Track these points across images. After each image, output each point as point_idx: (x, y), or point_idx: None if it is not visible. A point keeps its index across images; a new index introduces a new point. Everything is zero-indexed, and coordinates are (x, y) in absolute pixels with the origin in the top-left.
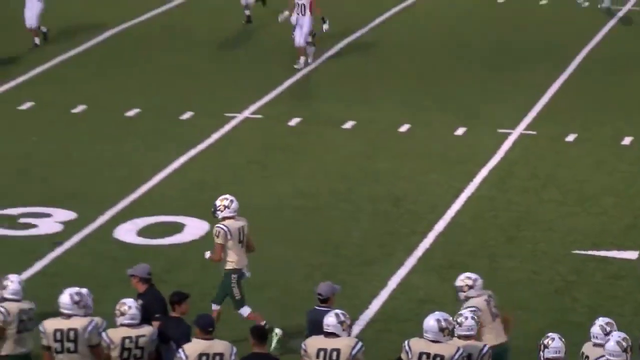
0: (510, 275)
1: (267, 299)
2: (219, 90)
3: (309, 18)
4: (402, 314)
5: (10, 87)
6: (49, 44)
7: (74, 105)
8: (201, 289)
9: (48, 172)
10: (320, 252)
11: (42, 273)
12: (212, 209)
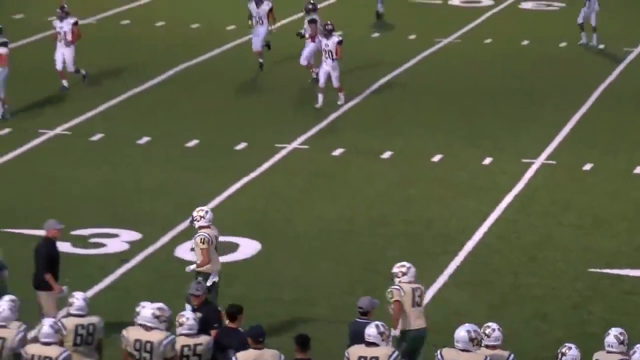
0: (532, 291)
1: (315, 312)
2: (269, 124)
3: (336, 63)
4: (435, 325)
5: (81, 120)
6: (116, 84)
7: (139, 137)
8: (253, 302)
9: (116, 197)
10: (361, 270)
11: (112, 288)
12: (189, 219)
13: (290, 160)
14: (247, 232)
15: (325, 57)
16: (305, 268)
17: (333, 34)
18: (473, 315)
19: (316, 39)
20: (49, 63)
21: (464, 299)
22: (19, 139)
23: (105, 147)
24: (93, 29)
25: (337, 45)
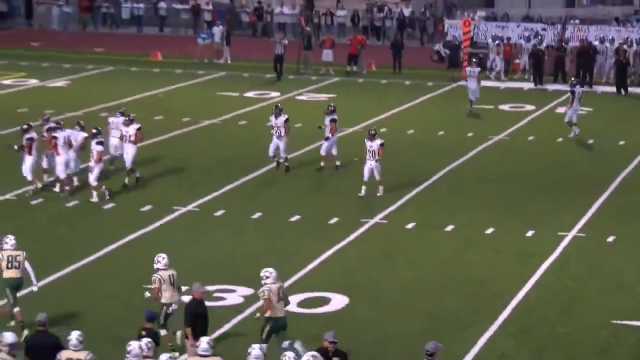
0: (566, 338)
1: (391, 353)
2: (354, 203)
3: (378, 162)
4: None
5: (207, 199)
6: (230, 172)
7: (253, 213)
8: (343, 344)
9: (234, 261)
10: (429, 320)
11: (229, 334)
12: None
13: (373, 232)
14: (338, 289)
15: (369, 157)
16: (384, 318)
17: (376, 138)
18: (517, 357)
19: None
20: (186, 153)
21: (511, 344)
22: (159, 213)
23: (225, 220)
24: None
25: (379, 147)
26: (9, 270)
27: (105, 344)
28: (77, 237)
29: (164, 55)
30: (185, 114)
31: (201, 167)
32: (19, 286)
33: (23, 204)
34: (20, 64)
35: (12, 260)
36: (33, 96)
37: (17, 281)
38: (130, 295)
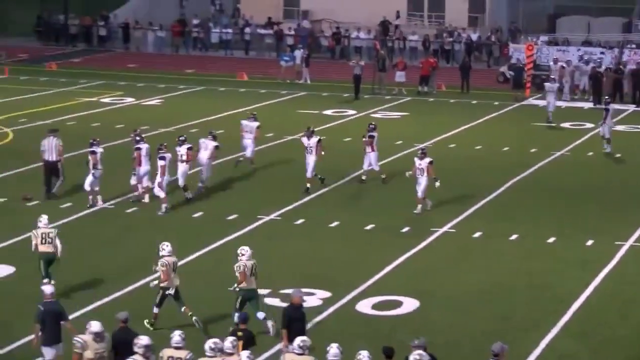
0: (623, 340)
1: (460, 353)
2: (427, 212)
3: (426, 179)
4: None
5: (288, 209)
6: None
7: (331, 221)
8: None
9: (314, 266)
10: (495, 322)
11: (309, 334)
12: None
13: (442, 240)
14: (409, 293)
15: (419, 174)
16: (452, 320)
17: (426, 157)
18: (577, 358)
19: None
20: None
21: (571, 346)
22: (244, 222)
23: (305, 229)
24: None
25: (429, 164)
26: (43, 245)
27: (192, 343)
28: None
29: (249, 76)
30: (269, 130)
31: (283, 179)
32: (52, 260)
33: (119, 211)
34: (118, 83)
35: (45, 237)
36: (129, 113)
37: (50, 255)
38: (215, 297)
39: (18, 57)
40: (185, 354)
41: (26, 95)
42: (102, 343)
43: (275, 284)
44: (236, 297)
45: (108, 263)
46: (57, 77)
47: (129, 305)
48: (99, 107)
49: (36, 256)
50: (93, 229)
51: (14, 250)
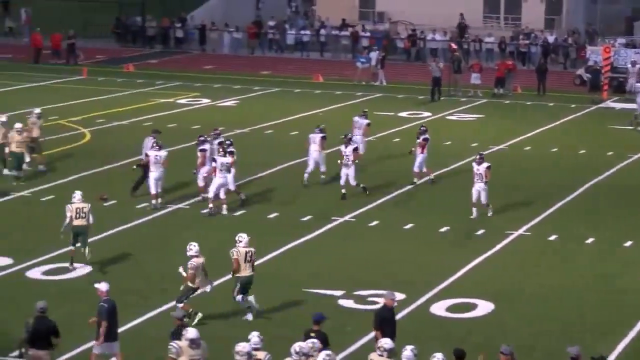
0: None
1: (534, 356)
2: (502, 214)
3: (486, 185)
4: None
5: (362, 211)
6: None
7: (406, 224)
8: (487, 347)
9: (388, 268)
10: (570, 325)
11: None
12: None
13: (517, 243)
14: (484, 296)
15: (476, 180)
16: (528, 323)
17: (484, 162)
18: None
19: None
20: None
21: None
22: (318, 223)
23: (379, 230)
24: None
25: (486, 169)
26: (77, 219)
27: (267, 344)
28: None
29: (324, 78)
30: (343, 132)
31: (360, 181)
32: (85, 233)
33: (194, 212)
34: (194, 85)
35: (79, 211)
36: (205, 114)
37: (82, 228)
38: (288, 298)
39: (96, 59)
40: (263, 355)
41: (104, 96)
42: (197, 350)
43: (350, 286)
44: (234, 284)
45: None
46: (134, 78)
47: (205, 305)
48: (175, 108)
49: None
50: (168, 229)
51: (91, 250)
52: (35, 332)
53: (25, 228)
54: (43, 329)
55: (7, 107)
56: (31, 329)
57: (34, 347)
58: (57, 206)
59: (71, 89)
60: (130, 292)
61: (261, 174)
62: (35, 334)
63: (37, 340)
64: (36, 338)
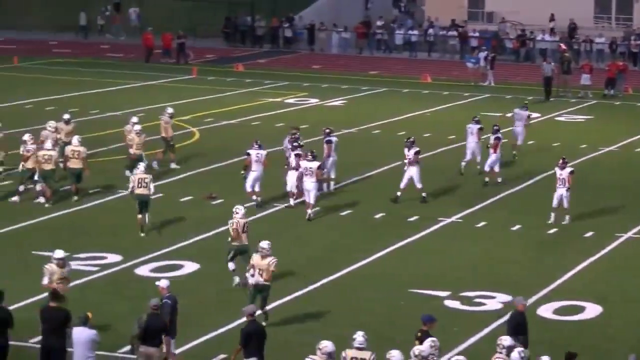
0: None
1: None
2: (610, 216)
3: (569, 190)
4: None
5: (469, 212)
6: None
7: (513, 225)
8: (593, 349)
9: (495, 269)
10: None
11: (487, 338)
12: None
13: (627, 245)
14: (592, 298)
15: (559, 185)
16: (637, 327)
17: (567, 167)
18: None
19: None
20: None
21: None
22: (425, 223)
23: (486, 231)
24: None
25: (569, 175)
26: (139, 188)
27: (372, 343)
28: (349, 243)
29: (432, 78)
30: (451, 133)
31: (465, 182)
32: (147, 202)
33: (301, 210)
34: (302, 84)
35: (141, 181)
36: (313, 114)
37: (144, 197)
38: (393, 298)
39: (206, 58)
40: (368, 354)
41: (213, 95)
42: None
43: (456, 287)
44: (228, 250)
45: (289, 262)
46: (243, 78)
47: (305, 305)
48: (283, 107)
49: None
50: (277, 227)
51: (200, 248)
52: (147, 329)
53: (135, 226)
54: (155, 326)
55: (118, 106)
56: (143, 325)
57: (145, 344)
58: (165, 205)
59: (181, 88)
60: (237, 290)
61: (368, 173)
62: (147, 331)
63: (148, 337)
64: (148, 335)
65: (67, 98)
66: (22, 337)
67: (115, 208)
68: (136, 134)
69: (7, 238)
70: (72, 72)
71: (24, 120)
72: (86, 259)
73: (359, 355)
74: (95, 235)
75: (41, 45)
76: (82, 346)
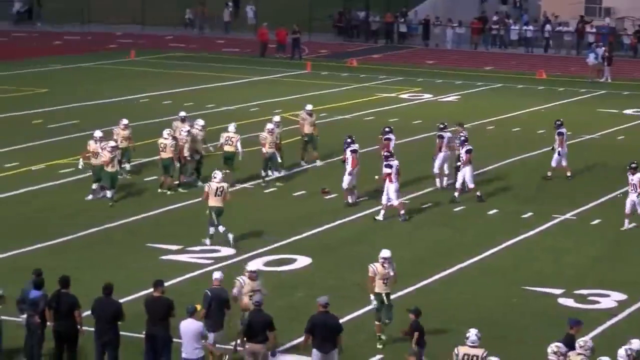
0: None
1: None
2: None
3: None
4: None
5: (584, 208)
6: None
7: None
8: None
9: (610, 267)
10: None
11: (602, 336)
12: None
13: None
14: None
15: (631, 190)
16: None
17: (638, 171)
18: None
19: None
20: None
21: None
22: (539, 220)
23: (600, 229)
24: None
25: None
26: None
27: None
28: (462, 240)
29: (548, 74)
30: (567, 129)
31: (580, 178)
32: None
33: (413, 206)
34: (416, 80)
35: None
36: (427, 109)
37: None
38: (509, 296)
39: (320, 53)
40: (481, 352)
41: (327, 90)
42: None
43: (570, 284)
44: (209, 213)
45: (400, 258)
46: (357, 73)
47: (418, 302)
48: (397, 102)
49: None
50: (389, 224)
51: (312, 242)
52: (250, 326)
53: (248, 219)
54: (259, 322)
55: (234, 100)
56: (246, 322)
57: (250, 341)
58: (279, 198)
59: (295, 83)
60: (350, 284)
61: (482, 169)
62: (251, 328)
63: (252, 333)
64: (252, 331)
65: (183, 92)
66: (133, 329)
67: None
68: (268, 132)
69: (123, 230)
70: (187, 67)
71: (142, 114)
72: (200, 252)
73: (472, 352)
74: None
75: (158, 40)
76: (189, 338)
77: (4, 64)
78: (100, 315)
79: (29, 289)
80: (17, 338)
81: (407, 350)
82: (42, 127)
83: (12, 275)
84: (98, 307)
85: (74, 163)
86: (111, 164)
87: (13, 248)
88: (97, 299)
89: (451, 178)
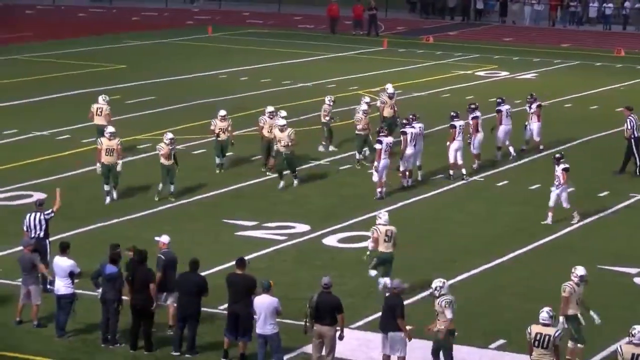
0: None
1: None
2: None
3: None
4: None
5: None
6: None
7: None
8: None
9: None
10: None
11: None
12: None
13: None
14: None
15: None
16: None
17: (562, 163)
18: None
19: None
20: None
21: None
22: (616, 199)
23: None
24: None
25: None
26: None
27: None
28: (538, 218)
29: (626, 52)
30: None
31: None
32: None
33: (489, 184)
34: (493, 57)
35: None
36: (503, 87)
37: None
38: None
39: (396, 30)
40: (553, 331)
41: (403, 67)
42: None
43: None
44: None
45: (474, 236)
46: (433, 50)
47: (492, 280)
48: (473, 80)
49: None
50: (463, 202)
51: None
52: (318, 308)
53: (324, 195)
54: (326, 304)
55: (310, 77)
56: (314, 304)
57: (318, 323)
58: (355, 176)
59: (371, 60)
60: (422, 262)
61: (557, 147)
62: (319, 309)
63: (320, 316)
64: (320, 313)
65: (260, 68)
66: (212, 304)
67: (306, 175)
68: (363, 113)
69: (202, 205)
70: (264, 43)
71: (218, 90)
72: (275, 227)
73: (544, 331)
74: (283, 205)
75: (235, 16)
76: (264, 313)
77: (83, 40)
78: (184, 290)
79: (105, 263)
80: (93, 312)
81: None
82: (120, 103)
83: (99, 247)
84: (183, 282)
85: (151, 139)
86: (166, 158)
87: (99, 221)
88: (182, 274)
89: (464, 167)
